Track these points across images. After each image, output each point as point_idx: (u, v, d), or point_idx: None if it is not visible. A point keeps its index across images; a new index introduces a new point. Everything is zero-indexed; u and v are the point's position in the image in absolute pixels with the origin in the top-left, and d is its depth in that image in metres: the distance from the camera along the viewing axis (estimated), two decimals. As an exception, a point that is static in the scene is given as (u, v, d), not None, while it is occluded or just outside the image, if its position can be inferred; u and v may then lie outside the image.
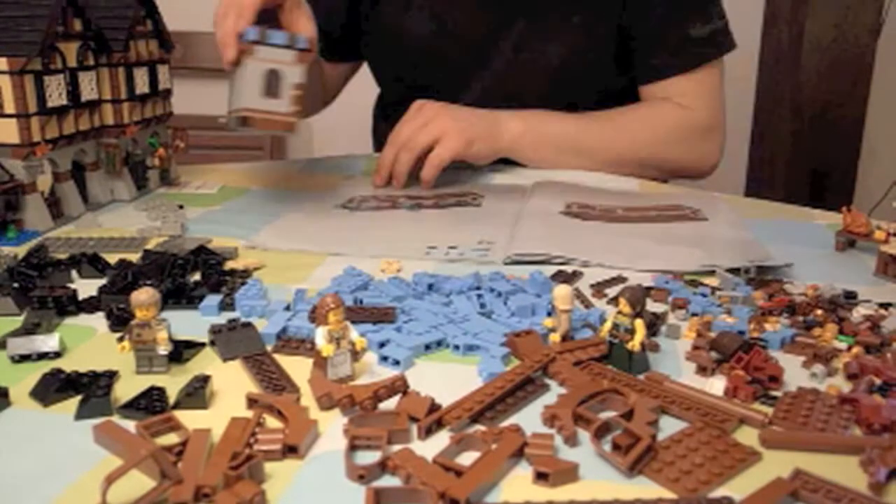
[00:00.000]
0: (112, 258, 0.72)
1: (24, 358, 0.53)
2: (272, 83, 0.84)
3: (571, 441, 0.44)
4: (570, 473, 0.41)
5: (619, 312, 0.53)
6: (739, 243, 0.80)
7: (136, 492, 0.38)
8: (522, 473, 0.42)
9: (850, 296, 0.66)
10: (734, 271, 0.72)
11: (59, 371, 0.50)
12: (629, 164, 1.14)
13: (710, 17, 1.12)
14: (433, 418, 0.45)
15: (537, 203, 0.96)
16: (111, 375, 0.50)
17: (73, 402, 0.48)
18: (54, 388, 0.48)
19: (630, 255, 0.77)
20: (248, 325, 0.58)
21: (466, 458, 0.42)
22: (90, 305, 0.62)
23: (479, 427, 0.46)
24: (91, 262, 0.70)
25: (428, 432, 0.45)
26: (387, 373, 0.53)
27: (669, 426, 0.46)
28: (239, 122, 0.85)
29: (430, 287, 0.66)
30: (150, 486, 0.38)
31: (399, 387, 0.47)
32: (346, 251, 0.78)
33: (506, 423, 0.46)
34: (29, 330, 0.56)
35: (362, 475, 0.41)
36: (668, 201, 0.99)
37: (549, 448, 0.42)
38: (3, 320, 0.60)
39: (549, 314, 0.59)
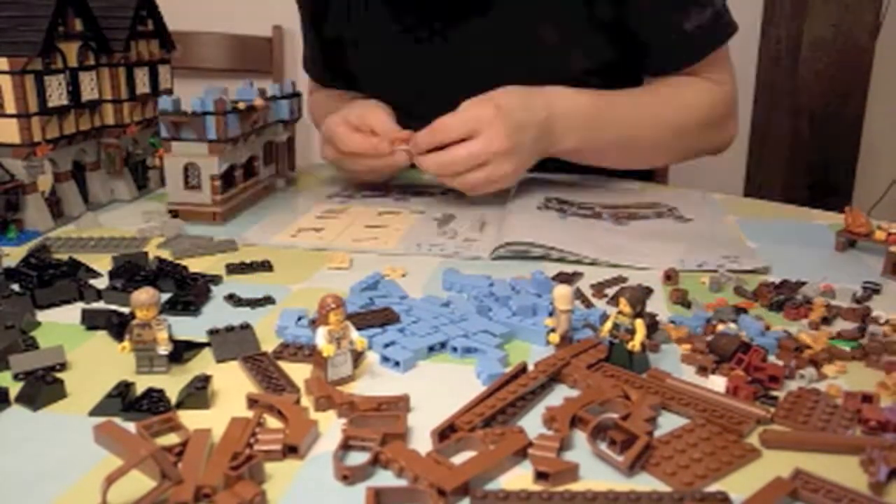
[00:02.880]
0: (106, 259, 0.72)
1: (28, 374, 0.51)
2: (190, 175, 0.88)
3: (563, 444, 0.44)
4: (570, 474, 0.41)
5: (620, 313, 0.53)
6: (718, 239, 0.83)
7: (136, 492, 0.38)
8: (523, 473, 0.42)
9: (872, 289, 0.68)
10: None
11: (46, 373, 0.50)
12: (670, 150, 1.08)
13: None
14: (446, 423, 0.45)
15: (518, 202, 0.97)
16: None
17: (73, 403, 0.48)
18: (43, 391, 0.48)
19: (610, 249, 0.78)
20: (247, 326, 0.58)
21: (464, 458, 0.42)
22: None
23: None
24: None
25: (442, 438, 0.44)
26: (387, 373, 0.53)
27: (674, 424, 0.46)
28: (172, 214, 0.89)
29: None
30: (151, 487, 0.39)
31: (402, 406, 0.48)
32: (332, 247, 0.80)
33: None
34: (29, 345, 0.55)
35: (346, 476, 0.41)
36: (646, 198, 1.01)
37: (552, 450, 0.42)
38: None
39: (550, 314, 0.59)
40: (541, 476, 0.41)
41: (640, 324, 0.52)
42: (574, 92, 0.97)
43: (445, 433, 0.44)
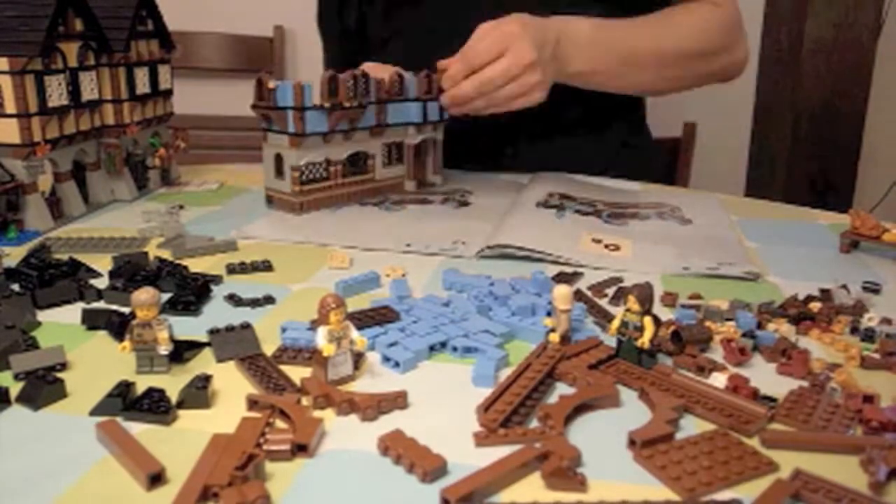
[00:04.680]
0: (106, 259, 0.72)
1: (28, 374, 0.51)
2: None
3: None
4: (574, 485, 0.41)
5: (628, 310, 0.53)
6: (716, 243, 0.82)
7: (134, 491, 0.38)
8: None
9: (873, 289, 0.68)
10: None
11: (46, 373, 0.50)
12: (676, 71, 1.10)
13: None
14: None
15: (523, 199, 0.97)
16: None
17: (73, 403, 0.48)
18: (43, 390, 0.48)
19: (603, 252, 0.78)
20: (247, 326, 0.58)
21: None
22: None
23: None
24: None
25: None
26: (388, 373, 0.53)
27: (682, 421, 0.46)
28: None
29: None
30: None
31: (400, 403, 0.48)
32: (330, 242, 0.81)
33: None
34: (30, 345, 0.55)
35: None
36: (652, 199, 1.00)
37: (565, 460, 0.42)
38: None
39: (549, 314, 0.59)
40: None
41: (648, 321, 0.52)
42: (577, 18, 1.02)
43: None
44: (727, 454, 0.43)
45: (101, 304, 0.64)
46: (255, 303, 0.64)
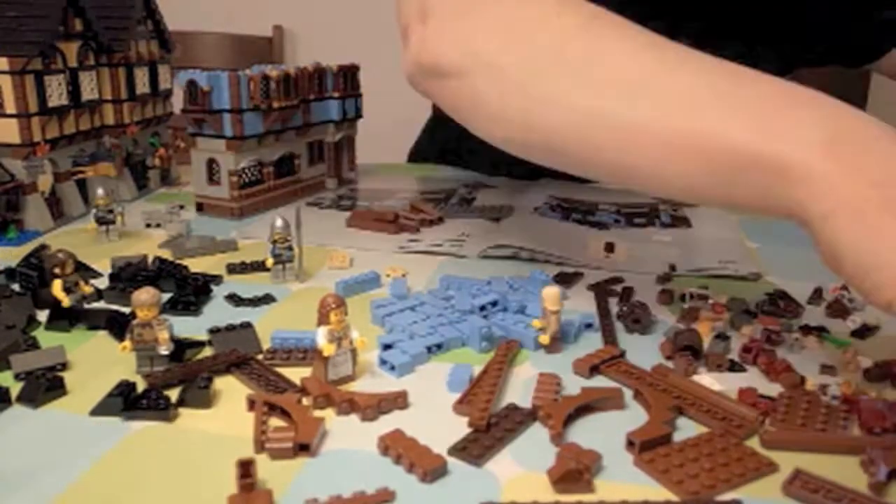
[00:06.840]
0: (106, 259, 0.72)
1: (29, 374, 0.50)
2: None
3: (556, 441, 0.44)
4: (582, 487, 0.41)
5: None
6: (718, 244, 0.82)
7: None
8: (524, 472, 0.42)
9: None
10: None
11: (47, 372, 0.50)
12: None
13: None
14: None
15: (525, 200, 0.97)
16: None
17: (74, 403, 0.48)
18: (43, 388, 0.48)
19: (602, 252, 0.78)
20: (248, 325, 0.58)
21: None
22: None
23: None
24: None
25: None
26: (388, 373, 0.53)
27: (679, 423, 0.47)
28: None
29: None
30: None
31: (400, 403, 0.48)
32: (330, 242, 0.81)
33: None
34: (30, 345, 0.55)
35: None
36: (650, 199, 1.01)
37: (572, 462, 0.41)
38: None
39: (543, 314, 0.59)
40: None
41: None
42: None
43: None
44: (727, 456, 0.43)
45: (101, 304, 0.64)
46: (255, 302, 0.64)
